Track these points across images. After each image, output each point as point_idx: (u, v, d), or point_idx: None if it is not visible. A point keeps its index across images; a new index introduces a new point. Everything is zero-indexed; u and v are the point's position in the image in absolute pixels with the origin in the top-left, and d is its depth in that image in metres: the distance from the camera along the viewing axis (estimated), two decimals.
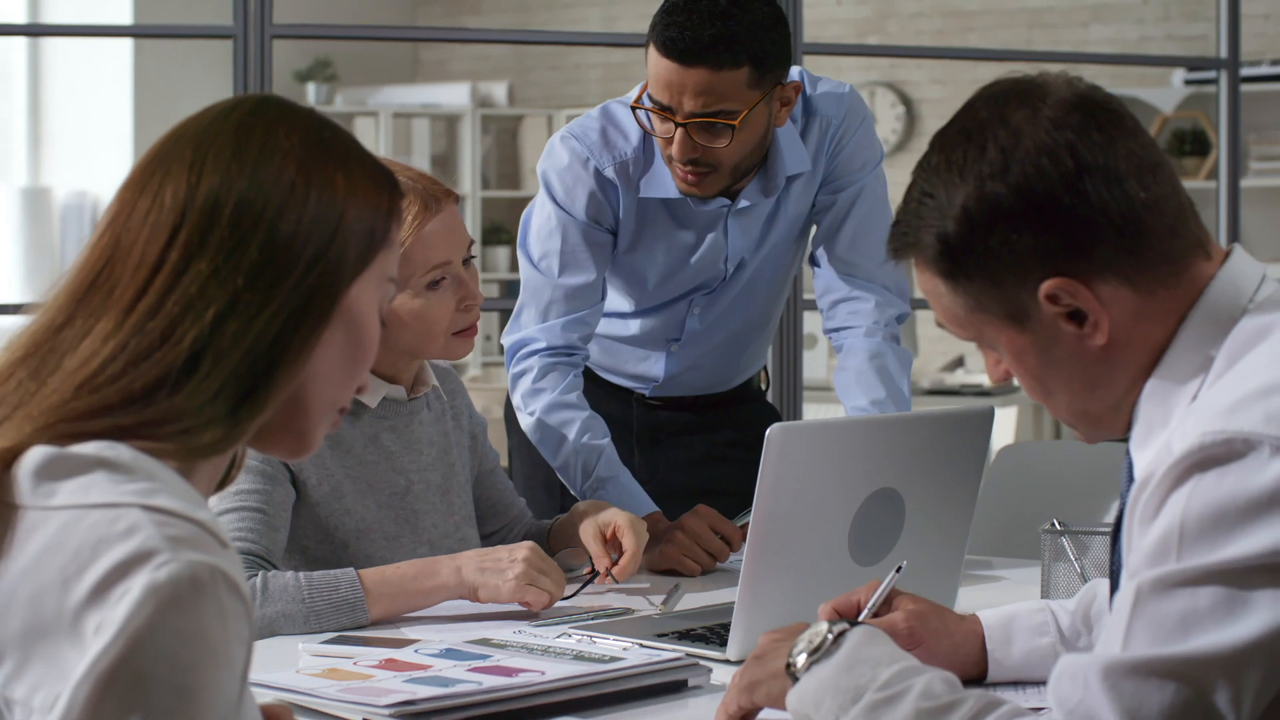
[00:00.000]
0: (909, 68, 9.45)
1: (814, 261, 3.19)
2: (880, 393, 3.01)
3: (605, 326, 3.23)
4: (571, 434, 3.01)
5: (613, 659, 2.11)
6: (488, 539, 2.86)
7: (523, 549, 2.48)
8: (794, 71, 3.07)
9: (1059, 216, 1.62)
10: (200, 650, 1.29)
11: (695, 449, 3.31)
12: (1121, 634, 1.53)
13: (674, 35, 2.79)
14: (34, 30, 6.65)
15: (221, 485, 1.56)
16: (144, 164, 1.49)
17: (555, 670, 2.05)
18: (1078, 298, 1.63)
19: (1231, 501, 1.50)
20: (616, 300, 3.20)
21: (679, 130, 2.85)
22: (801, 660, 1.76)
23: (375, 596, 2.45)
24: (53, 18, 8.85)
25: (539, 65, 10.41)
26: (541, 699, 1.99)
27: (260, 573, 2.44)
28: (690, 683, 2.12)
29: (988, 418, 2.41)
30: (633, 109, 2.94)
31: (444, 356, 2.67)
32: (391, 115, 9.90)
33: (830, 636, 1.76)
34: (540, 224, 3.07)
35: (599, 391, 3.27)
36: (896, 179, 2.44)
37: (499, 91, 10.12)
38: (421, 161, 9.91)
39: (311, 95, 9.95)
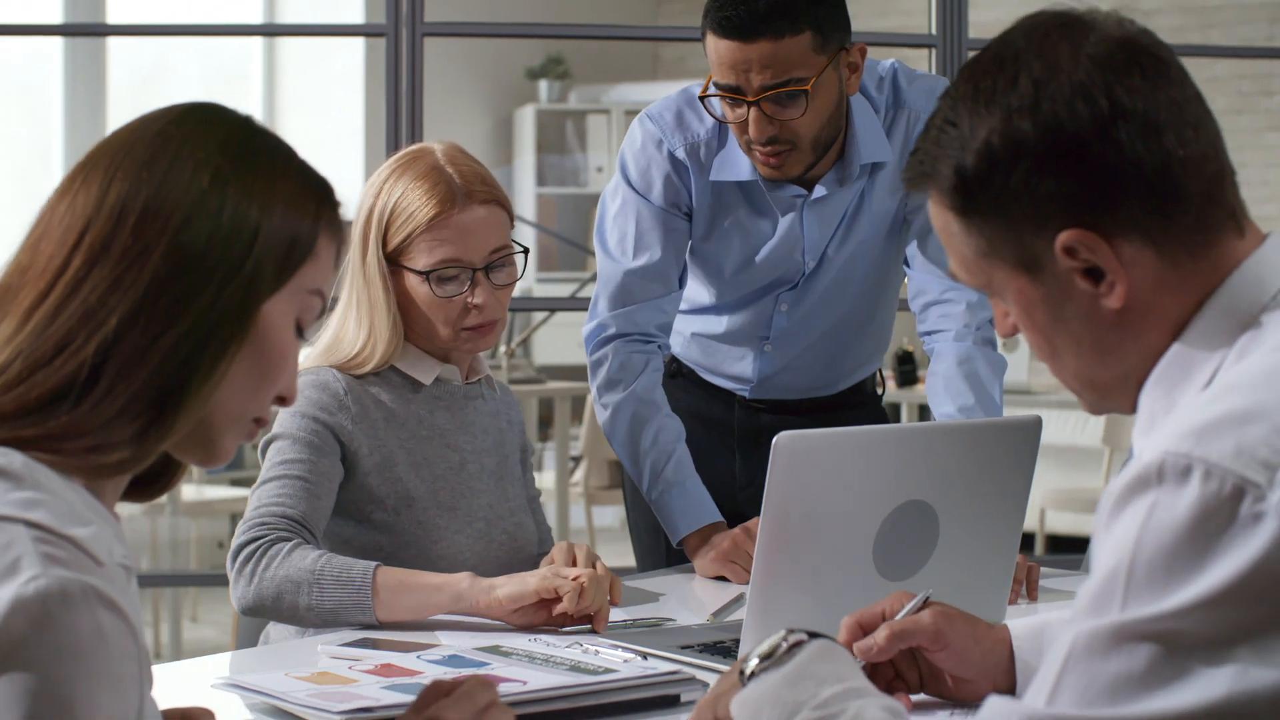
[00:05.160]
0: None
1: (907, 263, 3.09)
2: (968, 399, 2.90)
3: (698, 324, 3.18)
4: (644, 434, 2.96)
5: (606, 671, 2.06)
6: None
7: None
8: (887, 64, 2.99)
9: (1087, 163, 1.49)
10: (75, 665, 1.27)
11: None
12: (1049, 686, 1.40)
13: (729, 14, 2.76)
14: (184, 29, 6.76)
15: (159, 492, 1.55)
16: (73, 170, 1.48)
17: (539, 681, 2.01)
18: (1097, 253, 1.49)
19: (1185, 541, 1.35)
20: (700, 293, 3.14)
21: (752, 109, 2.80)
22: (752, 665, 1.69)
23: (384, 600, 2.43)
24: (289, 18, 9.05)
25: None
26: (515, 710, 1.94)
27: (293, 540, 2.47)
28: (684, 698, 2.06)
29: (1034, 429, 2.30)
30: (701, 99, 2.88)
31: (455, 348, 2.67)
32: (623, 113, 9.93)
33: (784, 645, 1.68)
34: (615, 208, 3.03)
35: (700, 393, 3.21)
36: None
37: None
38: None
39: (544, 92, 10.02)
